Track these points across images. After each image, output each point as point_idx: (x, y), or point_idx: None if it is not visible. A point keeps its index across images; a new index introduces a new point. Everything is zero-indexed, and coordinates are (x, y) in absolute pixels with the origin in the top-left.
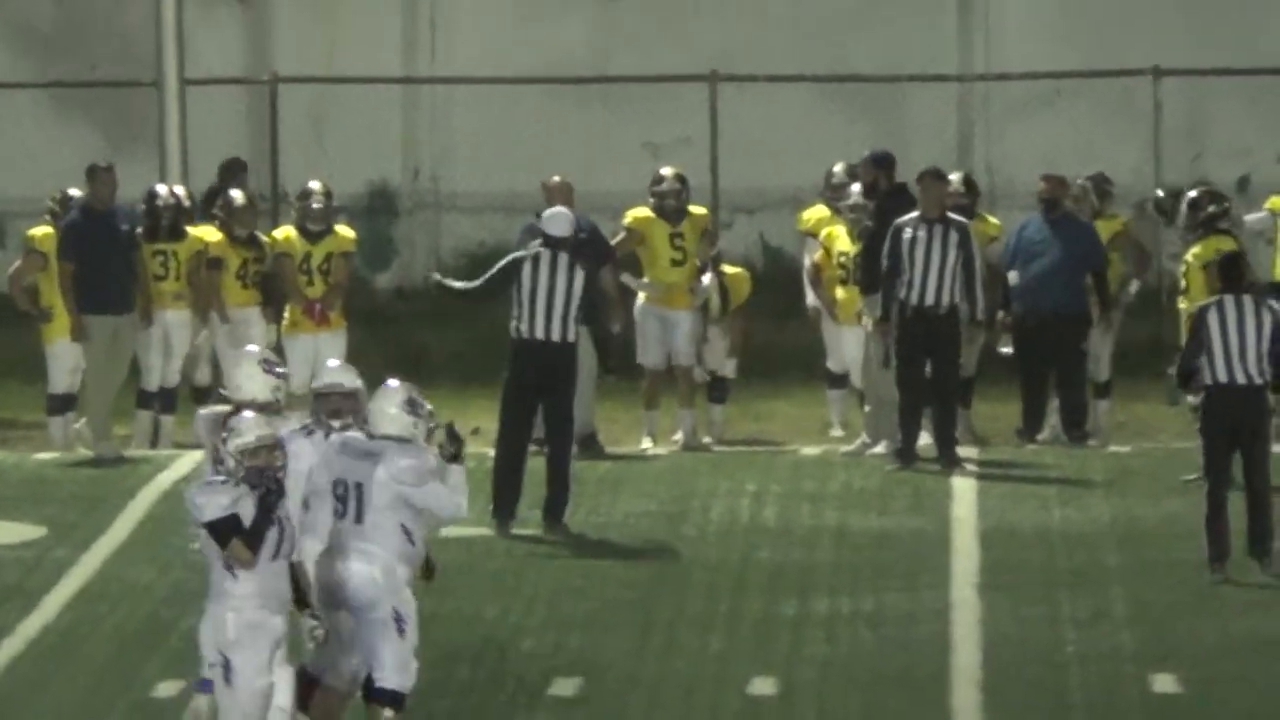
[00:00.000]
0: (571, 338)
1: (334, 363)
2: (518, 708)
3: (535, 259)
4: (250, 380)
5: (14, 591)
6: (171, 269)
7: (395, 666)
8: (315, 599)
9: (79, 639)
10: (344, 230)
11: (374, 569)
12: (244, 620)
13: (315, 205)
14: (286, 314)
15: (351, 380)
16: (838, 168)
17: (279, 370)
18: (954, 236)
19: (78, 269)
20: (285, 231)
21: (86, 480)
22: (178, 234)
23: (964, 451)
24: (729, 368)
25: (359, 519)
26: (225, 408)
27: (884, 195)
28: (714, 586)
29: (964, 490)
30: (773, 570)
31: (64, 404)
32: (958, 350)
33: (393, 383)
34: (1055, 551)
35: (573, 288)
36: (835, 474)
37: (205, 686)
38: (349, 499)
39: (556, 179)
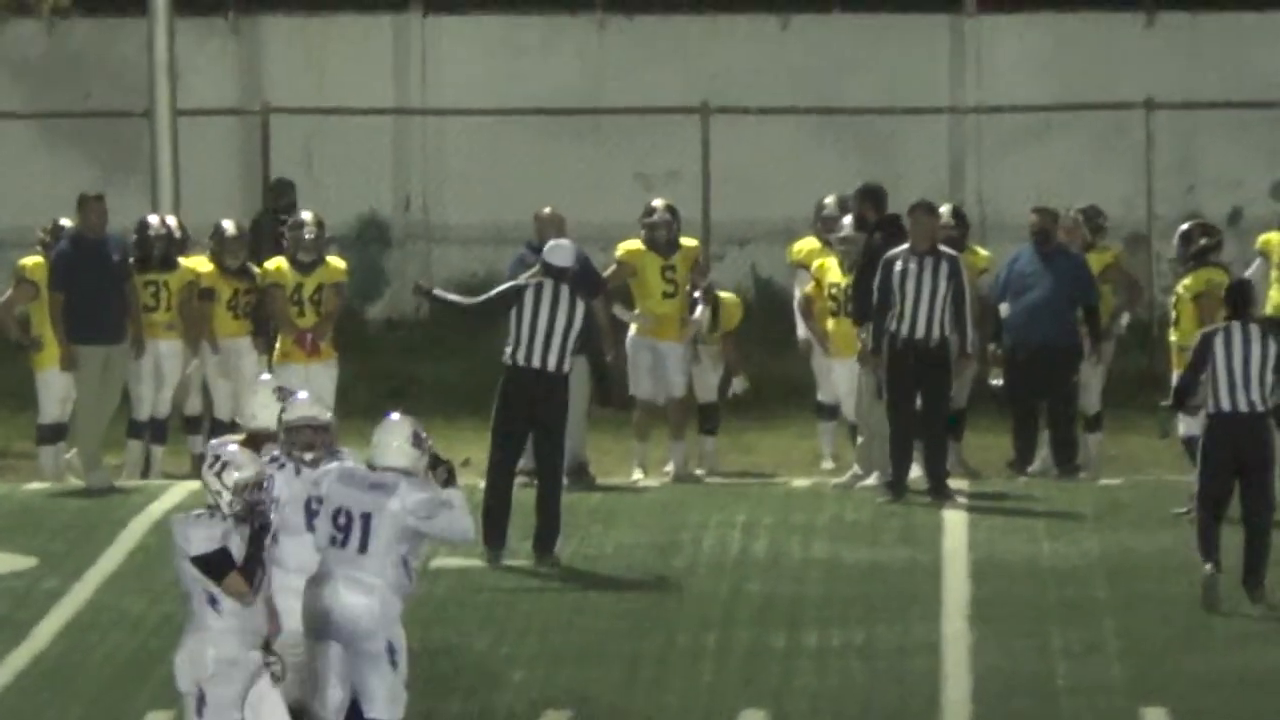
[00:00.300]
0: (566, 368)
1: (304, 395)
2: None
3: (537, 288)
4: (265, 409)
5: (4, 622)
6: (162, 299)
7: (386, 699)
8: (302, 628)
9: (70, 669)
10: (335, 261)
11: (373, 600)
12: (223, 655)
13: (307, 236)
14: (278, 344)
15: (323, 413)
16: (829, 200)
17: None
18: (944, 269)
19: (68, 298)
20: (276, 262)
21: (77, 510)
22: (169, 264)
23: (955, 484)
24: (737, 385)
25: (363, 549)
26: (236, 438)
27: (874, 227)
28: (704, 618)
29: (955, 523)
30: (763, 602)
31: (54, 434)
32: (948, 383)
33: (395, 416)
34: (1046, 584)
35: (573, 319)
36: (826, 506)
37: None
38: (352, 529)
39: (548, 210)
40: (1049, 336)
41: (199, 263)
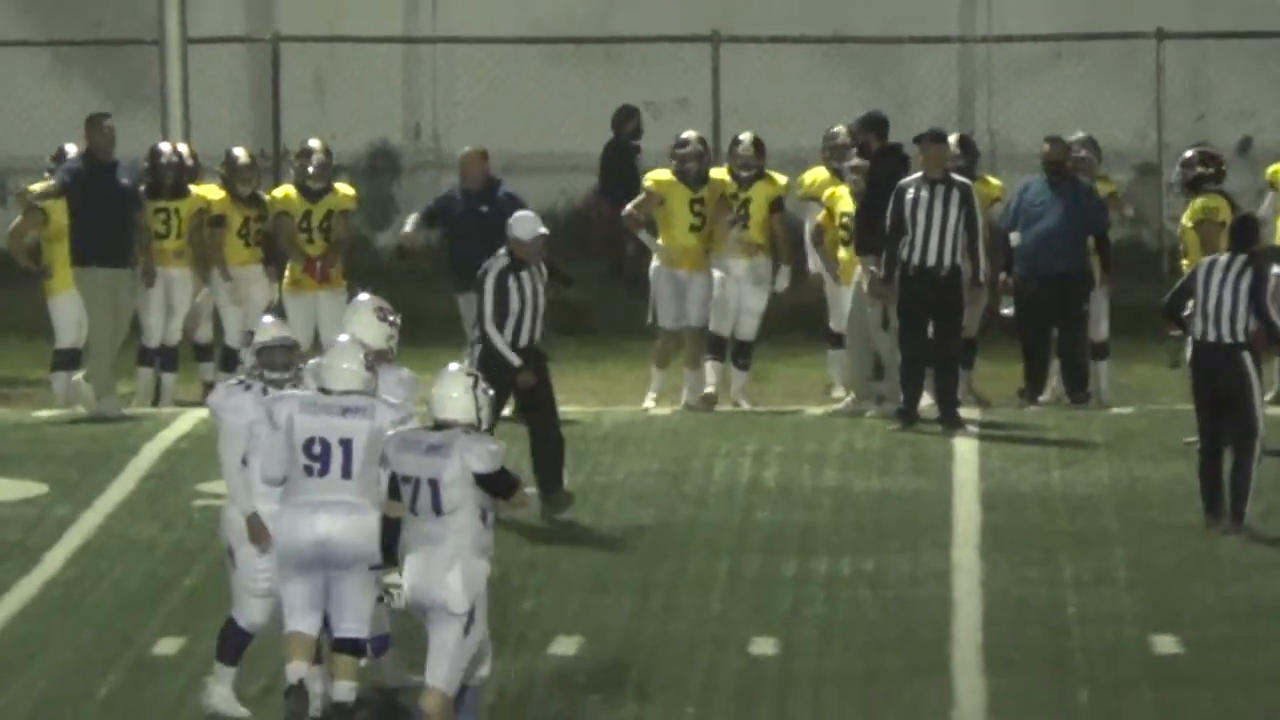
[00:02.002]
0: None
1: (269, 318)
2: (518, 668)
3: (515, 272)
4: (368, 329)
5: (15, 549)
6: (173, 227)
7: (373, 618)
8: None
9: (80, 596)
10: (344, 188)
11: (367, 520)
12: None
13: (315, 163)
14: (287, 272)
15: (292, 333)
16: (839, 128)
17: (393, 318)
18: (956, 197)
19: (74, 219)
20: (285, 190)
21: (88, 438)
22: (180, 192)
23: (966, 413)
24: (782, 278)
25: (346, 474)
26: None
27: (876, 156)
28: (715, 547)
29: (965, 452)
30: (773, 531)
31: (69, 360)
32: (960, 311)
33: (454, 366)
34: (1056, 513)
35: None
36: (836, 435)
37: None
38: (330, 456)
39: (468, 149)
40: (1060, 266)
41: (210, 190)
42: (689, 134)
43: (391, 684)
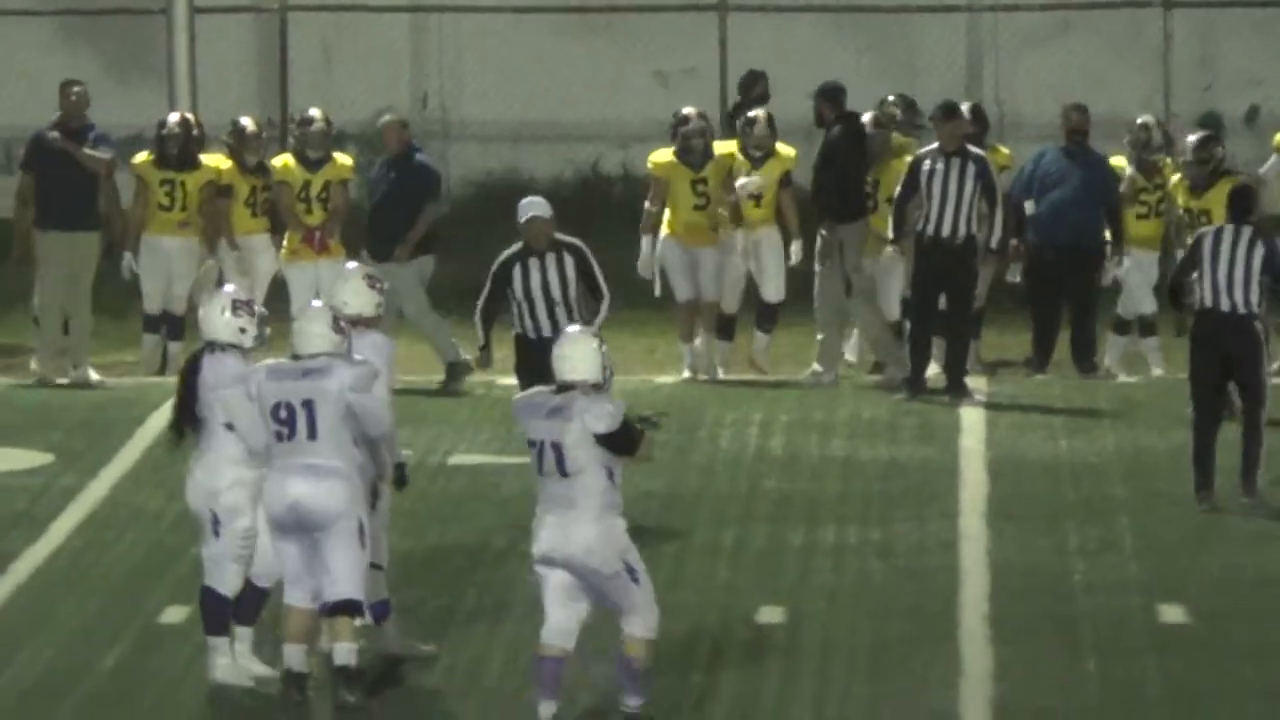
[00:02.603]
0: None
1: (230, 287)
2: (525, 636)
3: (522, 260)
4: (357, 296)
5: (21, 518)
6: (177, 199)
7: (358, 578)
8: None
9: (86, 565)
10: (343, 158)
11: (335, 482)
12: None
13: (314, 132)
14: (285, 242)
15: (257, 302)
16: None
17: (381, 285)
18: (972, 169)
19: (38, 182)
20: (284, 159)
21: (94, 407)
22: (187, 163)
23: (972, 382)
24: (795, 251)
25: (312, 435)
26: None
27: (831, 124)
28: (721, 516)
29: (972, 421)
30: (780, 500)
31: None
32: (973, 282)
33: (574, 328)
34: (1063, 482)
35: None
36: (843, 404)
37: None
38: (296, 420)
39: (388, 117)
40: (1075, 236)
41: (219, 161)
42: (689, 110)
43: (396, 650)
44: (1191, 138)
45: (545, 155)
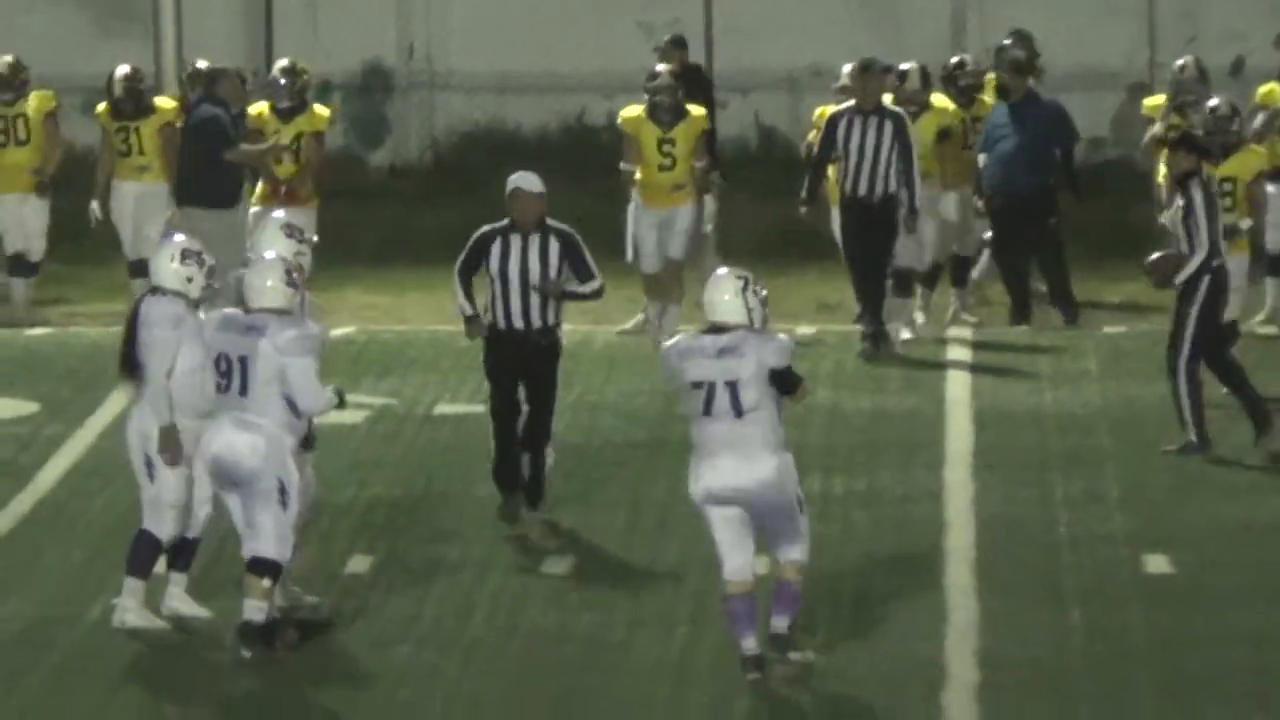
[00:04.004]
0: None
1: (180, 237)
2: (510, 586)
3: (503, 235)
4: (273, 243)
5: (7, 467)
6: (133, 144)
7: (275, 537)
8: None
9: (72, 515)
10: (319, 109)
11: (257, 438)
12: None
13: (283, 84)
14: (257, 190)
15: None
16: (908, 65)
17: (304, 235)
18: (889, 126)
19: None
20: (259, 109)
21: (80, 356)
22: (141, 112)
23: (958, 332)
24: (948, 205)
25: (243, 391)
26: None
27: (676, 77)
28: None
29: (958, 371)
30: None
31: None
32: (893, 237)
33: (723, 270)
34: (1049, 433)
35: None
36: (828, 354)
37: None
38: (233, 373)
39: (203, 64)
40: (1020, 185)
41: (166, 102)
42: (660, 66)
43: (280, 602)
44: (1211, 106)
45: (531, 106)
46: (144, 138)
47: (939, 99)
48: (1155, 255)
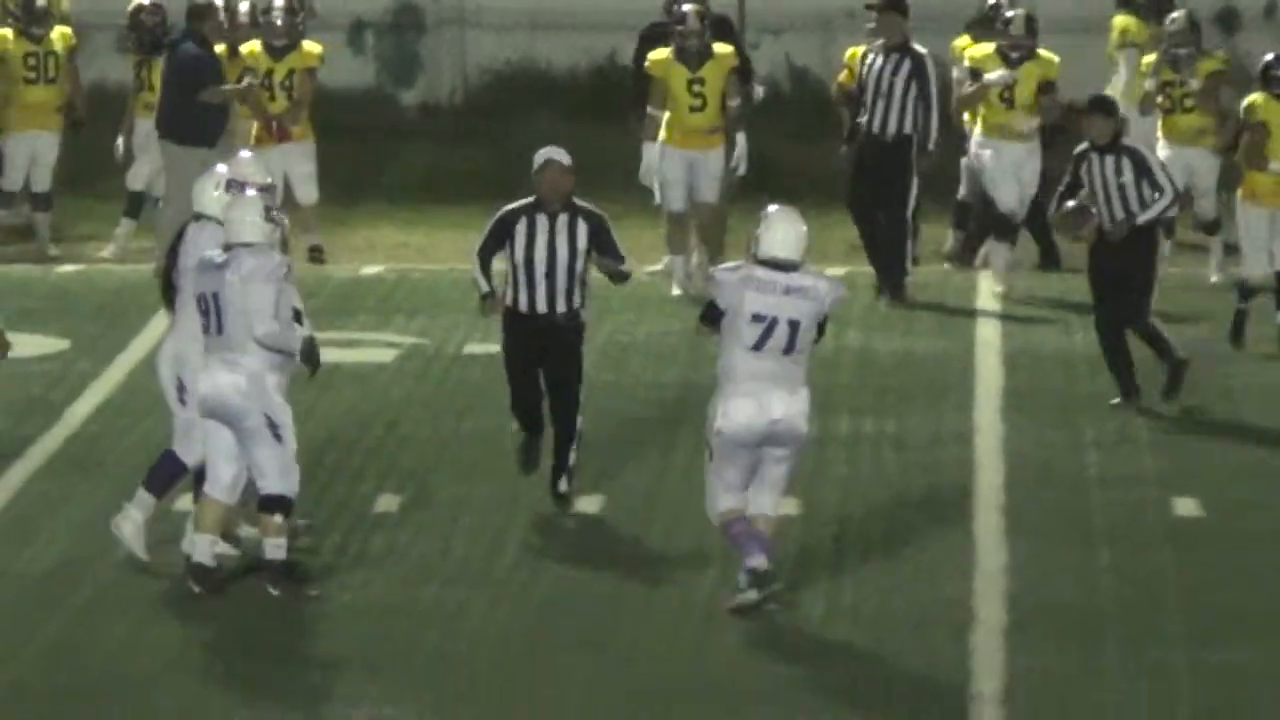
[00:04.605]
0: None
1: (246, 153)
2: (539, 524)
3: (529, 214)
4: (213, 201)
5: (38, 404)
6: (145, 80)
7: (277, 472)
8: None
9: (101, 452)
10: (310, 46)
11: (238, 377)
12: None
13: (276, 20)
14: (253, 129)
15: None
16: None
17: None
18: (906, 65)
19: None
20: (249, 46)
21: (110, 293)
22: (155, 47)
23: (990, 278)
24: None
25: (220, 329)
26: None
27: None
28: None
29: (988, 313)
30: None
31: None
32: (907, 180)
33: (774, 207)
34: (1078, 375)
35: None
36: (859, 296)
37: None
38: (210, 313)
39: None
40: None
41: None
42: (688, 6)
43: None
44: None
45: (562, 44)
46: (155, 74)
47: (1045, 51)
48: (1068, 207)
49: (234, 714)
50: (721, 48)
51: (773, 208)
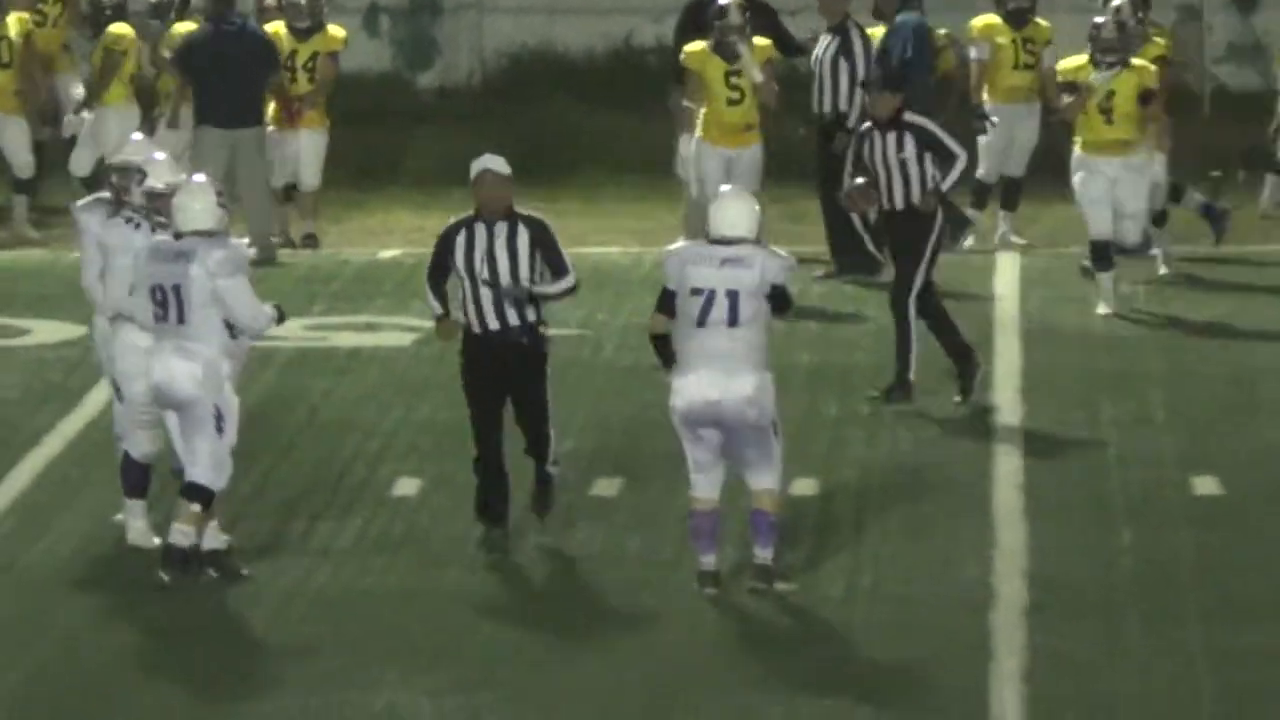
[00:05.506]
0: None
1: (136, 136)
2: (559, 508)
3: (468, 226)
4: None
5: (57, 390)
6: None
7: (209, 464)
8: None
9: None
10: (335, 30)
11: (195, 366)
12: None
13: (300, 2)
14: (270, 110)
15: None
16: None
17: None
18: (835, 42)
19: None
20: (274, 27)
21: None
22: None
23: (1007, 253)
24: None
25: (181, 319)
26: None
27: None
28: None
29: (1007, 293)
30: (813, 371)
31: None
32: (833, 162)
33: (727, 187)
34: (1097, 355)
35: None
36: (877, 276)
37: None
38: (169, 303)
39: None
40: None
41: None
42: (726, 1)
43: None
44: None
45: (578, 28)
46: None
47: (1154, 44)
48: (852, 185)
49: (251, 701)
50: (760, 40)
51: (724, 188)
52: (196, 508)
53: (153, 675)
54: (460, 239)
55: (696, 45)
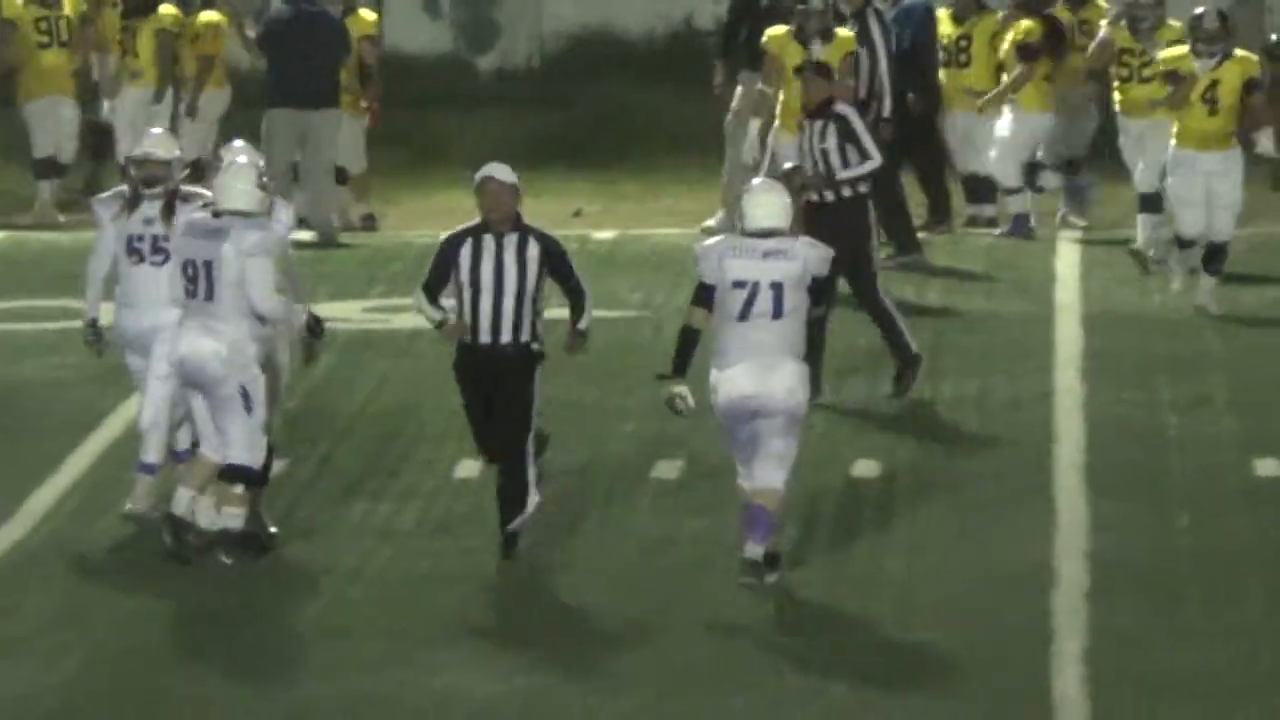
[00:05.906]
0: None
1: (156, 131)
2: (619, 491)
3: (474, 236)
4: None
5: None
6: (128, 46)
7: (243, 443)
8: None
9: None
10: (365, 14)
11: (220, 345)
12: None
13: None
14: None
15: (169, 150)
16: None
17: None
18: (874, 33)
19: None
20: None
21: None
22: (139, 9)
23: (1069, 234)
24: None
25: (209, 297)
26: None
27: None
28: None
29: (1068, 274)
30: (875, 354)
31: (48, 169)
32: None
33: (758, 180)
34: (1156, 336)
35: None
36: (938, 256)
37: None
38: (199, 280)
39: None
40: None
41: (170, 9)
42: None
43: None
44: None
45: (638, 8)
46: (141, 39)
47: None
48: (780, 169)
49: (310, 684)
50: (843, 31)
51: (755, 181)
52: (240, 488)
53: (210, 658)
54: (466, 249)
55: (778, 30)
